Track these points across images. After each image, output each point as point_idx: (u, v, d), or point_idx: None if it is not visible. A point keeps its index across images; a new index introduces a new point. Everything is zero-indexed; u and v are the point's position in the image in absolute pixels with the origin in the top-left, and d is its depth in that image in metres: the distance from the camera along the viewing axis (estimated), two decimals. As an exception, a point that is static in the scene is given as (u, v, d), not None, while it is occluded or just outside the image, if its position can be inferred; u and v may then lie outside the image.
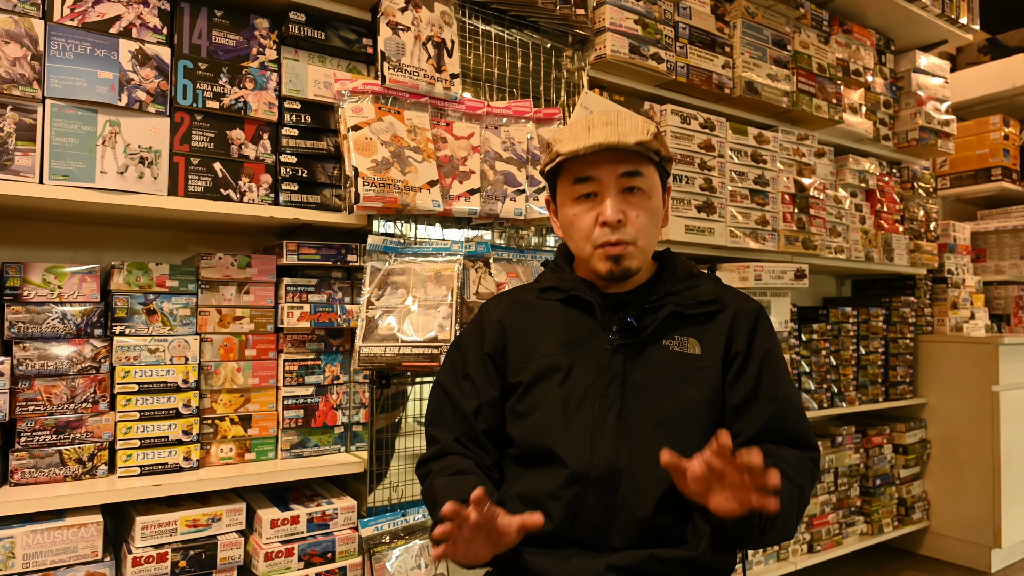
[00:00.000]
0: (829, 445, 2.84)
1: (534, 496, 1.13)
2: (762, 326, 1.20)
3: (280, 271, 1.69)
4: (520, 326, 1.24)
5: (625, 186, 1.15)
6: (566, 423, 1.14)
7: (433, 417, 1.26)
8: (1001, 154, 3.62)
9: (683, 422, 1.13)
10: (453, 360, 1.28)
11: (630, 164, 1.14)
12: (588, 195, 1.16)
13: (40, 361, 1.42)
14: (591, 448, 1.11)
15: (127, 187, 1.46)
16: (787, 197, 2.58)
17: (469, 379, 1.23)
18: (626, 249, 1.14)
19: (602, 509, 1.10)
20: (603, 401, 1.13)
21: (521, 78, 2.01)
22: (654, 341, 1.17)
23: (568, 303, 1.22)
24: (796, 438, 1.14)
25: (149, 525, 1.41)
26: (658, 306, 1.18)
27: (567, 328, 1.20)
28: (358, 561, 1.59)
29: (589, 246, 1.17)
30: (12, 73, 1.36)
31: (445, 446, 1.20)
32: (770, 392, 1.14)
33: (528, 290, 1.31)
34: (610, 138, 1.11)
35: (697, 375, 1.15)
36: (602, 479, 1.10)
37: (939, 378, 3.18)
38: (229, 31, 1.61)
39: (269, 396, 1.66)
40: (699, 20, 2.36)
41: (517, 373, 1.21)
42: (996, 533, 2.92)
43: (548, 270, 1.32)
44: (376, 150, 1.63)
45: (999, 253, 3.87)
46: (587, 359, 1.17)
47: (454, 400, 1.23)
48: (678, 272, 1.23)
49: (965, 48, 3.93)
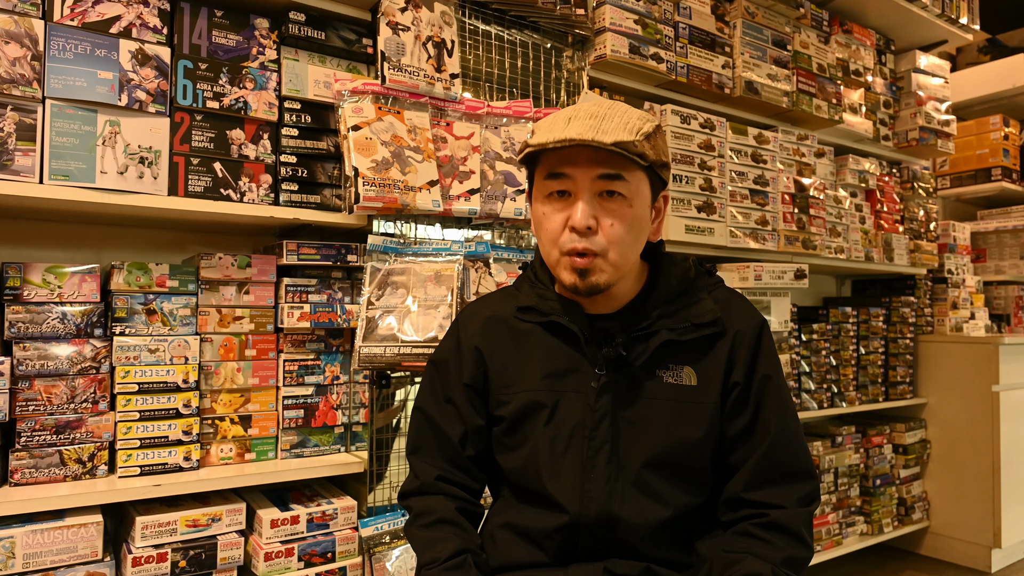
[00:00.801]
0: (829, 445, 2.84)
1: (528, 530, 1.10)
2: (764, 348, 1.09)
3: (280, 271, 1.69)
4: (500, 354, 1.15)
5: (603, 189, 1.02)
6: (554, 468, 1.07)
7: (416, 445, 1.19)
8: (1001, 154, 3.63)
9: (678, 461, 1.06)
10: (432, 381, 1.20)
11: (609, 166, 1.01)
12: (561, 193, 1.04)
13: (40, 361, 1.42)
14: (581, 495, 1.05)
15: (127, 187, 1.46)
16: (787, 197, 2.58)
17: (452, 403, 1.16)
18: (593, 262, 1.02)
19: (599, 547, 1.07)
20: (592, 444, 1.06)
21: (521, 78, 2.01)
22: (646, 372, 1.08)
23: (549, 328, 1.12)
24: (793, 470, 1.06)
25: (149, 525, 1.41)
26: (650, 333, 1.07)
27: (549, 359, 1.11)
28: (358, 561, 1.59)
29: (556, 251, 1.05)
30: (12, 73, 1.36)
31: (425, 484, 1.15)
32: (767, 423, 1.06)
33: (506, 305, 1.19)
34: (585, 134, 0.98)
35: (693, 411, 1.06)
36: (595, 525, 1.05)
37: (939, 378, 3.18)
38: (229, 31, 1.61)
39: (269, 396, 1.66)
40: (699, 20, 2.36)
41: (499, 406, 1.14)
42: (996, 533, 2.92)
43: (526, 281, 1.20)
44: (376, 150, 1.63)
45: (999, 253, 3.87)
46: (572, 394, 1.08)
47: (437, 425, 1.16)
48: (672, 284, 1.11)
49: (965, 48, 3.93)
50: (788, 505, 1.03)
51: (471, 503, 1.16)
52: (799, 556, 1.02)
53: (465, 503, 1.15)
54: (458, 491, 1.15)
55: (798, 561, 1.01)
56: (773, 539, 1.01)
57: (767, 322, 1.14)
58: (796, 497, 1.04)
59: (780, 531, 1.02)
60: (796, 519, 1.03)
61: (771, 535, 1.02)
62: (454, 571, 1.04)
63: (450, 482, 1.15)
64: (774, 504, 1.04)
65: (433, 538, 1.08)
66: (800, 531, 1.02)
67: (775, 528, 1.02)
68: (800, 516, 1.03)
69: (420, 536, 1.10)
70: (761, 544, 1.01)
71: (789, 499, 1.04)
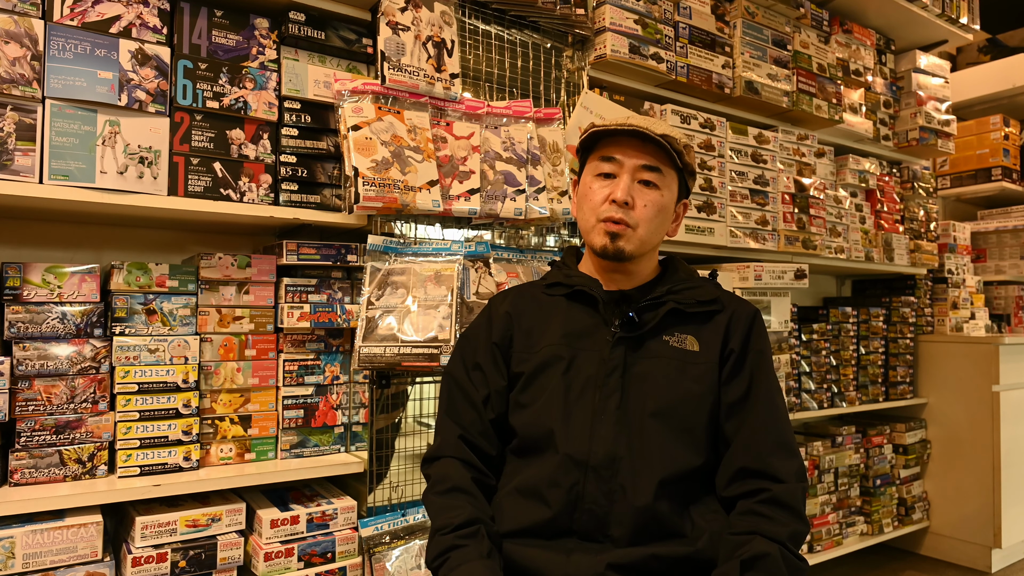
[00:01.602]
0: (829, 445, 2.84)
1: (533, 486, 1.16)
2: (757, 328, 1.24)
3: (280, 271, 1.69)
4: (526, 318, 1.29)
5: (642, 178, 1.22)
6: (567, 411, 1.17)
7: (446, 407, 1.29)
8: (1001, 154, 3.62)
9: (680, 413, 1.17)
10: (463, 350, 1.32)
11: (652, 159, 1.22)
12: (608, 175, 1.24)
13: (40, 361, 1.41)
14: (591, 436, 1.15)
15: (127, 187, 1.46)
16: (787, 197, 2.58)
17: (479, 368, 1.27)
18: (625, 231, 1.21)
19: (601, 497, 1.12)
20: (603, 391, 1.17)
21: (521, 78, 2.01)
22: (654, 336, 1.21)
23: (572, 298, 1.27)
24: (786, 443, 1.16)
25: (149, 525, 1.41)
26: (659, 303, 1.22)
27: (570, 321, 1.25)
28: (358, 561, 1.59)
29: (593, 218, 1.23)
30: (12, 73, 1.36)
31: (444, 445, 1.24)
32: (760, 394, 1.18)
33: (534, 286, 1.36)
34: (641, 123, 1.21)
35: (694, 370, 1.19)
36: (601, 466, 1.13)
37: (939, 378, 3.18)
38: (229, 31, 1.61)
39: (269, 396, 1.66)
40: (699, 20, 2.36)
41: (521, 363, 1.25)
42: (996, 533, 2.92)
43: (555, 268, 1.37)
44: (376, 150, 1.63)
45: (999, 253, 3.87)
46: (589, 351, 1.21)
47: (465, 389, 1.27)
48: (680, 275, 1.29)
49: (965, 48, 3.93)
50: (787, 479, 1.12)
51: (485, 475, 1.24)
52: (801, 531, 1.10)
53: (480, 474, 1.22)
54: (475, 458, 1.23)
55: (799, 536, 1.10)
56: (776, 515, 1.09)
57: (761, 313, 1.29)
58: (793, 471, 1.13)
59: (782, 507, 1.10)
60: (795, 495, 1.11)
61: (774, 511, 1.09)
62: (467, 538, 1.10)
63: (469, 444, 1.24)
64: (777, 476, 1.12)
65: (448, 504, 1.16)
66: (799, 507, 1.12)
67: (777, 504, 1.10)
68: (798, 492, 1.12)
69: (436, 502, 1.18)
70: (767, 521, 1.08)
71: (788, 472, 1.13)
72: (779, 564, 1.04)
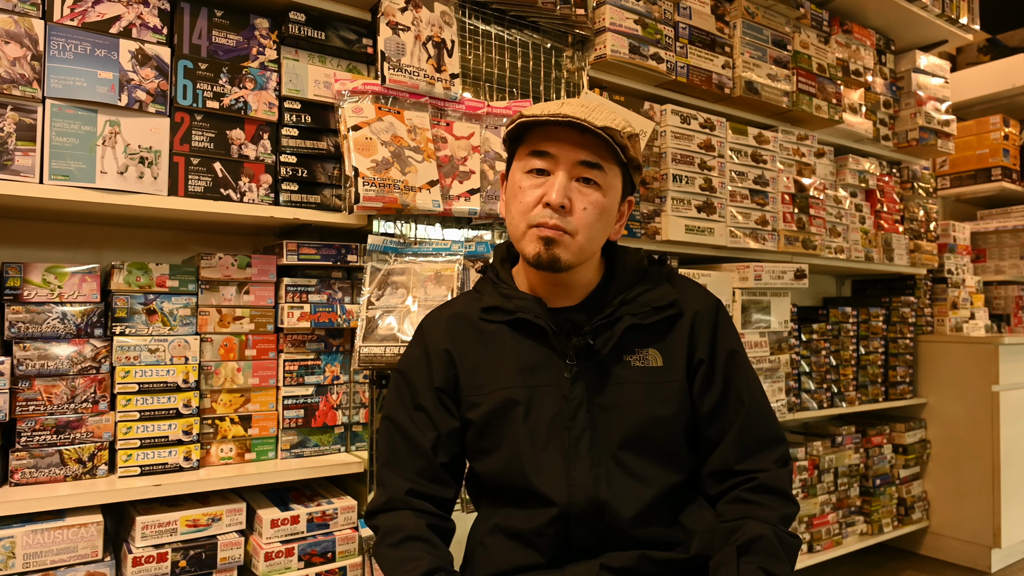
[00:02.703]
0: (829, 445, 2.84)
1: (519, 531, 1.10)
2: (722, 325, 1.15)
3: (280, 271, 1.69)
4: (469, 355, 1.15)
5: (581, 175, 1.07)
6: (537, 461, 1.09)
7: (387, 458, 1.16)
8: (1001, 154, 3.63)
9: (654, 440, 1.11)
10: (399, 390, 1.18)
11: (592, 154, 1.07)
12: (540, 171, 1.08)
13: (40, 361, 1.42)
14: (568, 484, 1.07)
15: (127, 187, 1.46)
16: (787, 197, 2.58)
17: (423, 410, 1.14)
18: (562, 237, 1.06)
19: (591, 536, 1.09)
20: (571, 433, 1.09)
21: (521, 78, 2.01)
22: (614, 359, 1.12)
23: (516, 327, 1.14)
24: (769, 437, 1.13)
25: (149, 525, 1.41)
26: (614, 319, 1.11)
27: (520, 356, 1.13)
28: (358, 561, 1.59)
29: (524, 224, 1.08)
30: (12, 73, 1.36)
31: (393, 499, 1.12)
32: (738, 395, 1.13)
33: (469, 307, 1.20)
34: (578, 113, 1.03)
35: (662, 391, 1.11)
36: (585, 513, 1.07)
37: (939, 378, 3.18)
38: (229, 31, 1.61)
39: (269, 396, 1.66)
40: (699, 20, 2.36)
41: (471, 408, 1.14)
42: (996, 533, 2.92)
43: (488, 283, 1.21)
44: (376, 150, 1.63)
45: (999, 253, 3.87)
46: (546, 386, 1.10)
47: (408, 434, 1.14)
48: (628, 271, 1.16)
49: (965, 48, 3.93)
50: (769, 468, 1.11)
51: (441, 518, 1.13)
52: (790, 512, 1.09)
53: (435, 519, 1.12)
54: (428, 506, 1.12)
55: (790, 517, 1.09)
56: (765, 500, 1.08)
57: (721, 301, 1.20)
58: (773, 460, 1.12)
59: (770, 492, 1.09)
60: (781, 479, 1.10)
61: (762, 497, 1.08)
62: None
63: (421, 496, 1.12)
64: (758, 469, 1.10)
65: (404, 557, 1.04)
66: (786, 489, 1.11)
67: (765, 490, 1.09)
68: (783, 476, 1.11)
69: (390, 556, 1.06)
70: (756, 507, 1.07)
71: (768, 463, 1.11)
72: (774, 544, 1.02)
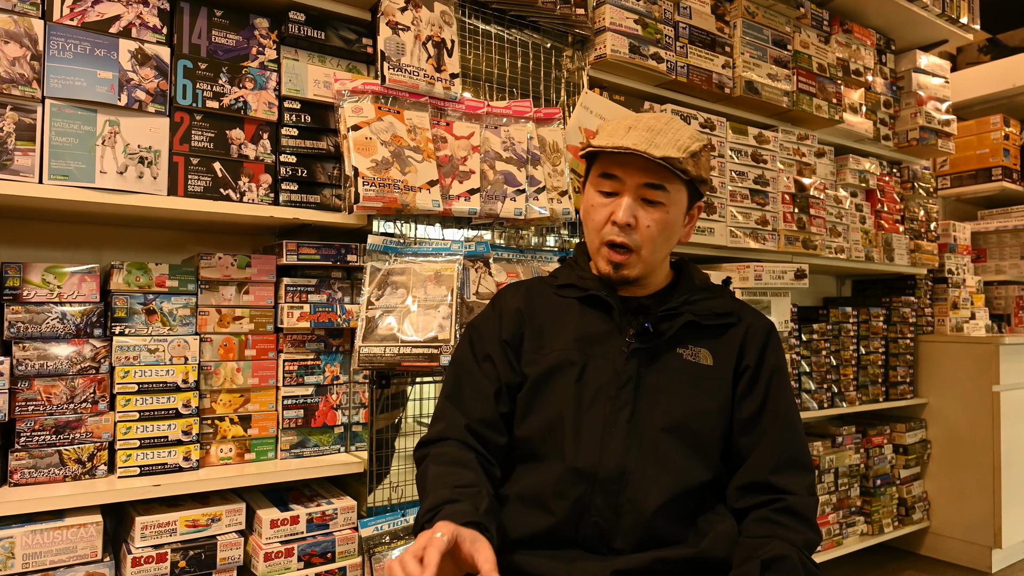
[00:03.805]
0: (829, 445, 2.84)
1: (536, 495, 1.13)
2: (773, 343, 1.22)
3: (280, 271, 1.69)
4: (537, 317, 1.24)
5: (645, 196, 1.17)
6: (577, 421, 1.14)
7: (451, 392, 1.22)
8: (1001, 154, 3.62)
9: (692, 430, 1.14)
10: (472, 340, 1.26)
11: (655, 176, 1.16)
12: (609, 193, 1.19)
13: (40, 361, 1.41)
14: (600, 448, 1.12)
15: (127, 187, 1.46)
16: (787, 197, 2.58)
17: (490, 360, 1.22)
18: (628, 259, 1.18)
19: (608, 510, 1.10)
20: (615, 403, 1.14)
21: (521, 78, 2.01)
22: (668, 349, 1.18)
23: (586, 302, 1.23)
24: (802, 459, 1.16)
25: (149, 525, 1.41)
26: (676, 314, 1.19)
27: (583, 325, 1.21)
28: (358, 561, 1.59)
29: (597, 239, 1.20)
30: (12, 73, 1.35)
31: (447, 429, 1.17)
32: (776, 410, 1.16)
33: (545, 284, 1.31)
34: (639, 145, 1.12)
35: (708, 385, 1.17)
36: (610, 479, 1.10)
37: (939, 378, 3.18)
38: (229, 31, 1.61)
39: (269, 396, 1.66)
40: (699, 20, 2.36)
41: (530, 364, 1.20)
42: (996, 533, 2.92)
43: (566, 266, 1.32)
44: (376, 150, 1.63)
45: (999, 253, 3.87)
46: (601, 359, 1.17)
47: (475, 379, 1.21)
48: (695, 283, 1.25)
49: (965, 48, 3.93)
50: (800, 492, 1.12)
51: (491, 463, 1.16)
52: (814, 540, 1.10)
53: (486, 462, 1.15)
54: (480, 447, 1.16)
55: (813, 544, 1.10)
56: (792, 524, 1.09)
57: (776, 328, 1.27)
58: (805, 486, 1.13)
59: (797, 517, 1.10)
60: (809, 507, 1.12)
61: (789, 520, 1.09)
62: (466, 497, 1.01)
63: (476, 435, 1.16)
64: (790, 490, 1.12)
65: (446, 472, 1.07)
66: (813, 519, 1.12)
67: (792, 514, 1.10)
68: (811, 505, 1.12)
69: (431, 471, 1.09)
70: (782, 528, 1.08)
71: (800, 486, 1.13)
72: (798, 567, 1.03)
